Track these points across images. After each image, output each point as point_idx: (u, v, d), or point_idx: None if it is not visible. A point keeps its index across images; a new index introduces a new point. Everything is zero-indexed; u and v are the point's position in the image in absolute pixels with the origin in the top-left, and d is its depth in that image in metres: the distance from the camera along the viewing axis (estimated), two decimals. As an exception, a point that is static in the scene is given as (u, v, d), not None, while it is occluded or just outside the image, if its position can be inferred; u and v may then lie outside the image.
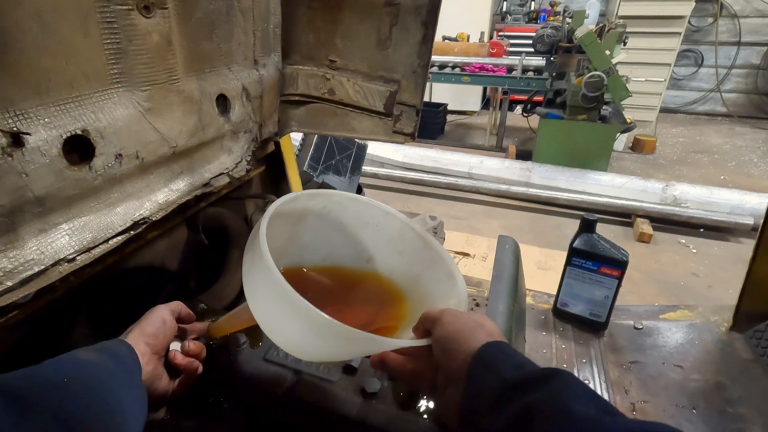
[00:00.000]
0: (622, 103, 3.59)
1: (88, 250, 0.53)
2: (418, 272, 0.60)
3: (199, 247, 0.99)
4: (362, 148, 2.52)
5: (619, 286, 0.97)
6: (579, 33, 3.36)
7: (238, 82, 0.76)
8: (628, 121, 3.78)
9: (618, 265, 0.95)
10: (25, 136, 0.45)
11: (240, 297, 0.92)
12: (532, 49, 4.11)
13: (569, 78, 3.80)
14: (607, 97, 3.56)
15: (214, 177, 0.74)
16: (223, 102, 0.74)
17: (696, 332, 0.97)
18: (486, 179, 3.62)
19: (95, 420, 0.37)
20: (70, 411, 0.35)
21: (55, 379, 0.38)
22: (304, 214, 0.58)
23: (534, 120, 4.40)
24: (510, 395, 0.37)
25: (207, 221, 0.98)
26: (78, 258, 0.52)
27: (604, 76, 3.28)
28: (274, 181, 1.16)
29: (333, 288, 0.63)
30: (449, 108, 5.75)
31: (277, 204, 0.49)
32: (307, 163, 2.08)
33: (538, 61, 4.32)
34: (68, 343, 0.72)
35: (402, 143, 1.01)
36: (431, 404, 0.63)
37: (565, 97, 3.81)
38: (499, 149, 4.63)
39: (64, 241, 0.50)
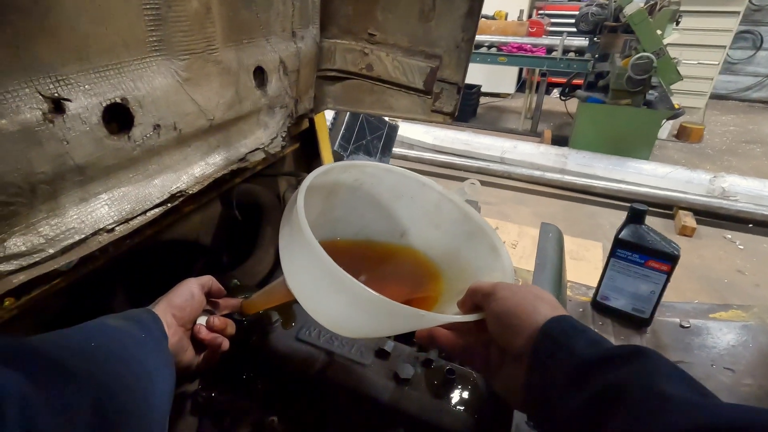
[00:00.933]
0: (670, 87, 3.37)
1: (127, 220, 0.53)
2: (456, 246, 0.57)
3: (232, 223, 0.99)
4: (393, 129, 2.47)
5: (667, 281, 0.91)
6: (628, 11, 3.15)
7: (275, 55, 0.74)
8: (676, 106, 3.55)
9: (668, 259, 0.89)
10: (66, 103, 0.44)
11: (272, 274, 0.91)
12: (574, 29, 3.90)
13: (613, 60, 3.59)
14: (654, 81, 3.35)
15: (250, 152, 0.73)
16: (260, 75, 0.72)
17: (750, 334, 0.91)
18: (519, 164, 3.50)
19: (122, 386, 0.37)
20: (97, 376, 0.35)
21: (84, 344, 0.38)
22: (336, 187, 0.56)
23: (572, 104, 4.21)
24: (587, 374, 0.34)
25: (241, 197, 0.97)
26: (117, 228, 0.52)
27: (653, 57, 3.08)
28: (307, 159, 1.14)
29: (366, 263, 0.61)
30: (483, 90, 5.58)
31: (312, 177, 0.46)
32: (337, 142, 2.06)
33: (580, 41, 4.11)
34: (106, 314, 0.73)
35: (440, 123, 0.97)
36: (465, 395, 0.60)
37: (607, 80, 3.60)
38: (533, 134, 4.47)
39: (103, 211, 0.50)
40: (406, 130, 3.88)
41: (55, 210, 0.46)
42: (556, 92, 5.86)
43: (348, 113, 2.03)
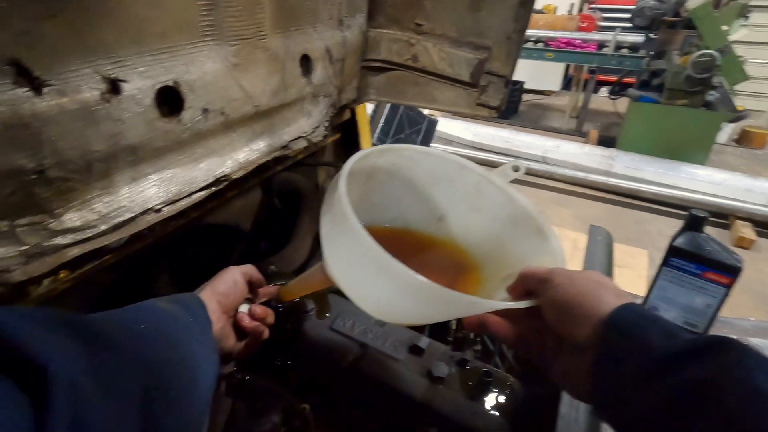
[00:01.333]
0: (734, 88, 3.13)
1: (174, 202, 0.54)
2: (497, 230, 0.55)
3: (271, 211, 1.01)
4: (432, 124, 2.44)
5: (726, 295, 0.84)
6: (691, 4, 2.95)
7: (321, 43, 0.73)
8: (739, 108, 3.30)
9: (729, 271, 0.82)
10: (122, 84, 0.45)
11: (309, 262, 0.92)
12: (628, 24, 3.69)
13: (671, 57, 3.37)
14: (715, 80, 3.12)
15: (293, 140, 0.73)
16: (306, 63, 0.72)
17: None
18: (561, 165, 3.38)
19: (170, 371, 0.37)
20: (148, 360, 0.36)
21: (134, 325, 0.38)
22: (373, 172, 0.55)
23: (622, 103, 4.01)
24: (666, 368, 0.32)
25: (281, 185, 0.98)
26: (164, 209, 0.53)
27: (717, 55, 2.86)
28: (346, 150, 1.14)
29: (404, 250, 0.59)
30: (525, 86, 5.41)
31: (352, 161, 0.45)
32: (376, 135, 2.05)
33: (635, 37, 3.88)
34: (150, 293, 0.76)
35: (485, 117, 0.94)
36: (502, 399, 0.58)
37: (663, 78, 3.39)
38: (578, 133, 4.29)
39: (152, 192, 0.51)
40: (445, 125, 3.82)
41: (109, 188, 0.47)
42: (604, 91, 5.59)
43: (387, 106, 2.02)
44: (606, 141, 3.93)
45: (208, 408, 0.42)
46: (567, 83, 5.70)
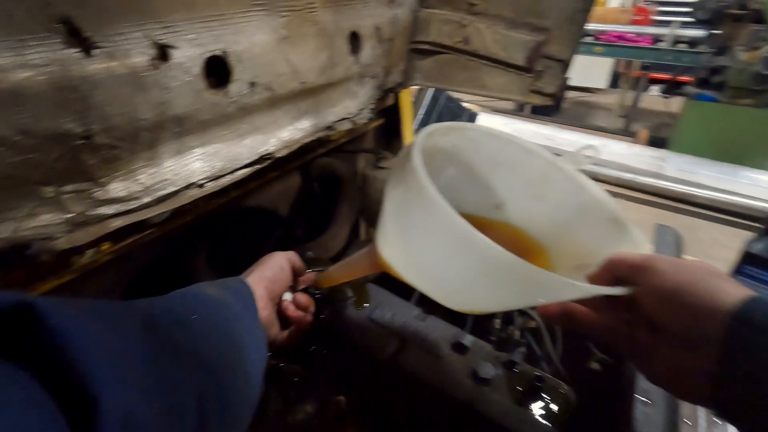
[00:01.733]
0: (807, 87, 2.86)
1: (217, 178, 0.52)
2: (564, 219, 0.50)
3: (309, 196, 0.99)
4: (472, 118, 2.37)
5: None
6: (763, -5, 2.71)
7: (371, 20, 0.70)
8: (812, 110, 3.01)
9: (813, 284, 0.73)
10: (171, 51, 0.43)
11: (345, 250, 0.90)
12: (688, 18, 3.45)
13: (734, 53, 3.12)
14: (786, 78, 2.86)
15: (338, 120, 0.70)
16: (354, 40, 0.69)
17: None
18: (606, 165, 3.21)
19: (225, 369, 0.35)
20: (198, 348, 0.33)
21: (184, 314, 0.36)
22: (432, 153, 0.50)
23: (675, 103, 3.76)
24: None
25: (320, 170, 0.96)
26: (207, 185, 0.51)
27: (790, 50, 2.62)
28: (387, 137, 1.11)
29: None
30: (570, 83, 5.18)
31: (422, 136, 0.41)
32: (415, 126, 2.01)
33: (694, 31, 3.62)
34: (187, 272, 0.76)
35: (540, 104, 0.88)
36: (553, 406, 0.53)
37: (725, 75, 3.15)
38: (626, 133, 4.07)
39: (196, 166, 0.50)
40: (485, 119, 3.72)
41: (154, 159, 0.46)
42: (655, 89, 5.28)
43: (428, 96, 1.97)
44: (656, 142, 3.71)
45: (256, 400, 0.40)
46: (615, 80, 5.42)
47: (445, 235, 0.35)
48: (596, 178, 2.89)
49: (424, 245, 0.38)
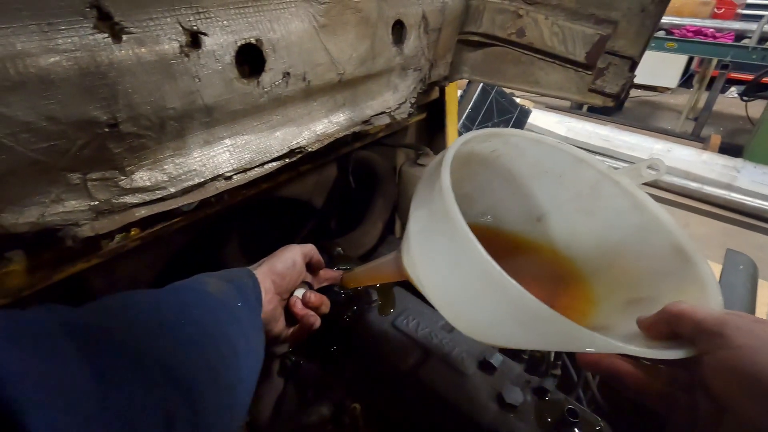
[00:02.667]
0: None
1: (245, 170, 0.51)
2: (616, 240, 0.44)
3: (345, 189, 0.97)
4: (525, 114, 2.26)
5: None
6: None
7: (418, 8, 0.66)
8: None
9: None
10: (203, 38, 0.42)
11: (377, 248, 0.87)
12: (782, 11, 3.07)
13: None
14: None
15: (375, 115, 0.67)
16: (398, 30, 0.65)
17: None
18: (670, 172, 2.96)
19: (204, 370, 0.33)
20: (169, 362, 0.31)
21: (175, 320, 0.34)
22: (469, 159, 0.46)
23: (755, 107, 3.40)
24: None
25: (357, 164, 0.94)
26: (235, 177, 0.50)
27: None
28: (430, 133, 1.06)
29: (495, 250, 0.50)
30: (636, 81, 4.82)
31: (455, 147, 0.37)
32: (461, 121, 1.94)
33: (787, 27, 3.23)
34: (219, 256, 0.76)
35: (599, 105, 0.80)
36: (586, 444, 0.48)
37: (821, 79, 2.79)
38: (695, 138, 3.74)
39: (224, 157, 0.49)
40: (537, 117, 3.54)
41: (181, 149, 0.45)
42: (734, 90, 4.80)
43: (478, 90, 1.88)
44: (730, 149, 3.37)
45: (246, 405, 0.38)
46: (687, 79, 4.98)
47: (469, 271, 0.31)
48: (656, 184, 2.66)
49: (447, 275, 0.34)
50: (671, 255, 0.38)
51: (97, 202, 0.40)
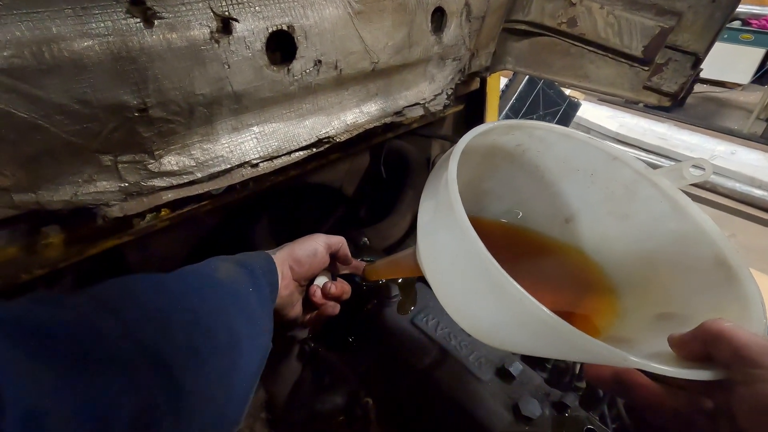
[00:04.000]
0: None
1: (271, 158, 0.51)
2: (652, 248, 0.40)
3: (376, 179, 0.96)
4: (573, 107, 2.14)
5: None
6: None
7: (461, -6, 0.62)
8: None
9: None
10: (234, 23, 0.41)
11: (404, 240, 0.86)
12: None
13: None
14: None
15: (409, 106, 0.65)
16: (438, 18, 0.62)
17: None
18: (732, 176, 2.73)
19: (191, 357, 0.32)
20: (162, 346, 0.31)
21: (166, 305, 0.34)
22: (492, 152, 0.44)
23: None
24: None
25: (389, 154, 0.92)
26: (261, 165, 0.50)
27: None
28: (468, 125, 1.03)
29: (514, 253, 0.48)
30: (702, 75, 4.45)
31: (469, 137, 0.36)
32: (504, 112, 1.86)
33: None
34: (250, 236, 0.78)
35: (653, 105, 0.74)
36: (604, 467, 0.46)
37: None
38: (765, 141, 3.41)
39: (251, 144, 0.49)
40: (587, 111, 3.35)
41: (209, 135, 0.45)
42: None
43: (525, 80, 1.79)
44: (805, 154, 3.06)
45: (247, 398, 0.38)
46: (761, 75, 4.53)
47: (468, 266, 0.29)
48: (715, 190, 2.46)
49: (448, 268, 0.33)
50: (713, 268, 0.34)
51: (126, 184, 0.41)
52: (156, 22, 0.37)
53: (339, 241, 0.55)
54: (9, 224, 0.38)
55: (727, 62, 4.61)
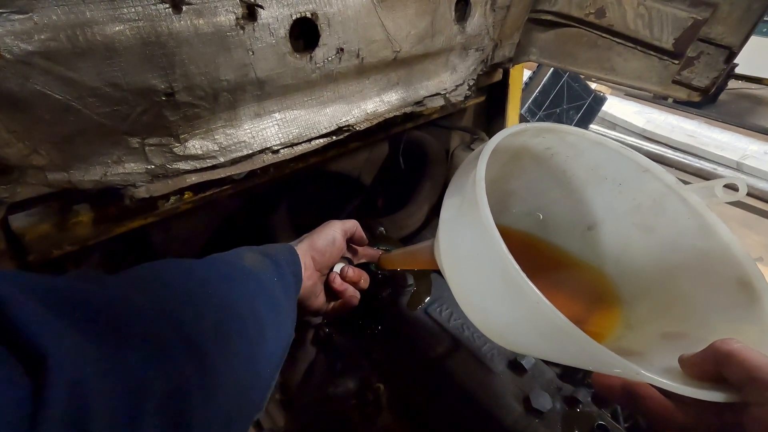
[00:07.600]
0: None
1: (292, 145, 0.52)
2: (674, 263, 0.39)
3: (394, 169, 0.96)
4: (599, 102, 2.08)
5: None
6: None
7: (487, -17, 0.62)
8: None
9: None
10: (259, 10, 0.42)
11: (420, 231, 0.86)
12: None
13: None
14: None
15: (429, 96, 0.65)
16: (462, 6, 0.61)
17: None
18: (764, 177, 2.63)
19: (222, 343, 0.33)
20: (196, 330, 0.31)
21: (201, 291, 0.34)
22: (519, 154, 0.43)
23: None
24: None
25: (408, 144, 0.92)
26: (281, 151, 0.51)
27: None
28: (489, 117, 1.02)
29: (531, 258, 0.47)
30: (737, 70, 4.26)
31: (500, 137, 0.35)
32: (527, 105, 1.83)
33: None
34: (268, 222, 0.79)
35: (683, 100, 0.71)
36: (614, 463, 0.46)
37: None
38: (802, 140, 3.26)
39: (273, 131, 0.49)
40: (612, 105, 3.26)
41: (233, 120, 0.46)
42: None
43: (549, 72, 1.75)
44: None
45: (270, 384, 0.38)
46: (803, 71, 4.31)
47: (488, 267, 0.29)
48: (749, 192, 2.39)
49: (468, 270, 0.33)
50: (735, 289, 0.33)
51: (153, 166, 0.42)
52: (184, 8, 0.37)
53: (353, 225, 0.56)
54: (42, 201, 0.40)
55: (765, 57, 4.40)
